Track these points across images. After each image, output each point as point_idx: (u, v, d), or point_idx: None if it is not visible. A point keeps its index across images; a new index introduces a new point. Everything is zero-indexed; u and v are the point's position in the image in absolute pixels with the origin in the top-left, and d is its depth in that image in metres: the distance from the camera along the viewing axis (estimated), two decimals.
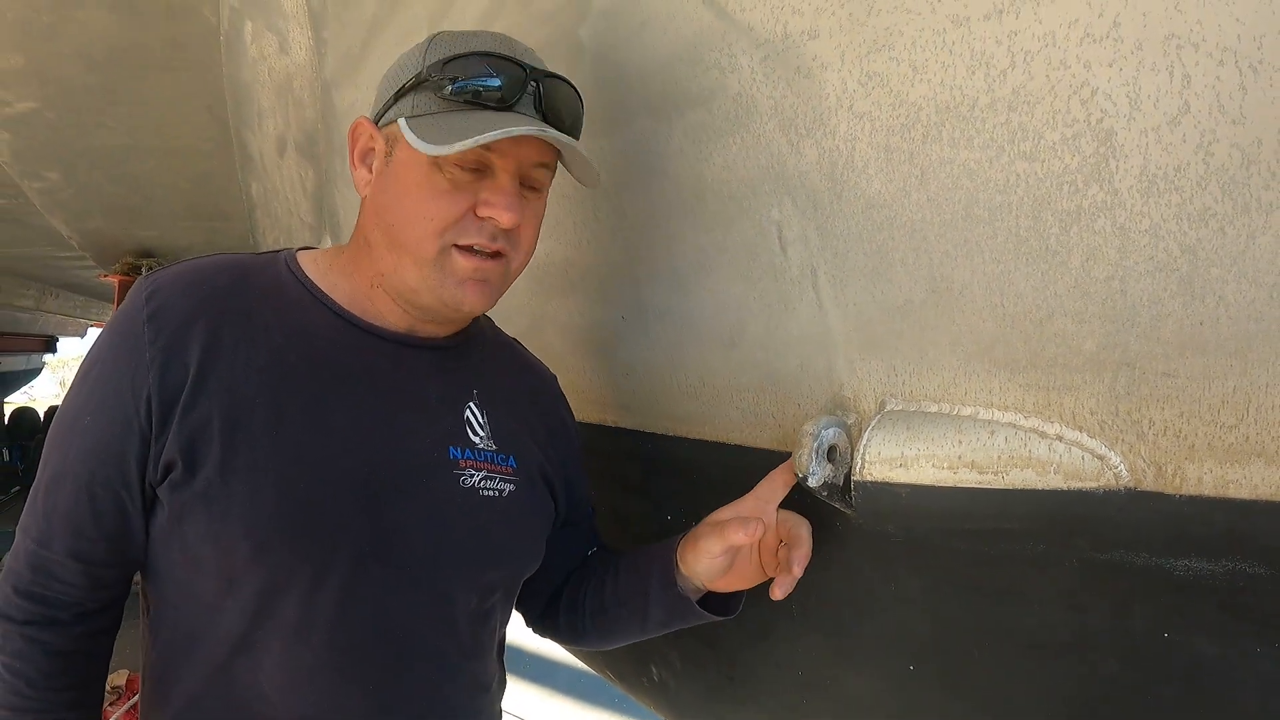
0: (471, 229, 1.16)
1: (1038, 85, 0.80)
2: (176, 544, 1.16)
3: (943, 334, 0.99)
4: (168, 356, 1.14)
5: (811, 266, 1.11)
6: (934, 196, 0.93)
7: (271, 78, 3.04)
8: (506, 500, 1.30)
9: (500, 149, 1.14)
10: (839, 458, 1.10)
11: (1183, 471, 0.86)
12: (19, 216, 6.56)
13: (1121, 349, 0.85)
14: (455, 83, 1.13)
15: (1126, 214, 0.79)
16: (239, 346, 1.17)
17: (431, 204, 1.15)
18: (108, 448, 1.14)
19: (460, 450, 1.27)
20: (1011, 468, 0.95)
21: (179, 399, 1.13)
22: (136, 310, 1.16)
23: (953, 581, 1.10)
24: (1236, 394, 0.81)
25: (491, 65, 1.14)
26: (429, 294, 1.20)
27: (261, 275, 1.26)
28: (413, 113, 1.16)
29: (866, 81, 0.93)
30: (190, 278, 1.20)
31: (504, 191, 1.15)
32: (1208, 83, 0.70)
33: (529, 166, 1.18)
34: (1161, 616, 0.91)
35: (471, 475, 1.27)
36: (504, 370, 1.43)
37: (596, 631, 1.47)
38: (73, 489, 1.16)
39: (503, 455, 1.32)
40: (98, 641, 1.24)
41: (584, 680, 6.76)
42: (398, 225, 1.18)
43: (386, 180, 1.20)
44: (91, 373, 1.17)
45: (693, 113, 1.18)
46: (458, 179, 1.15)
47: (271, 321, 1.21)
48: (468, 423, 1.31)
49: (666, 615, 1.35)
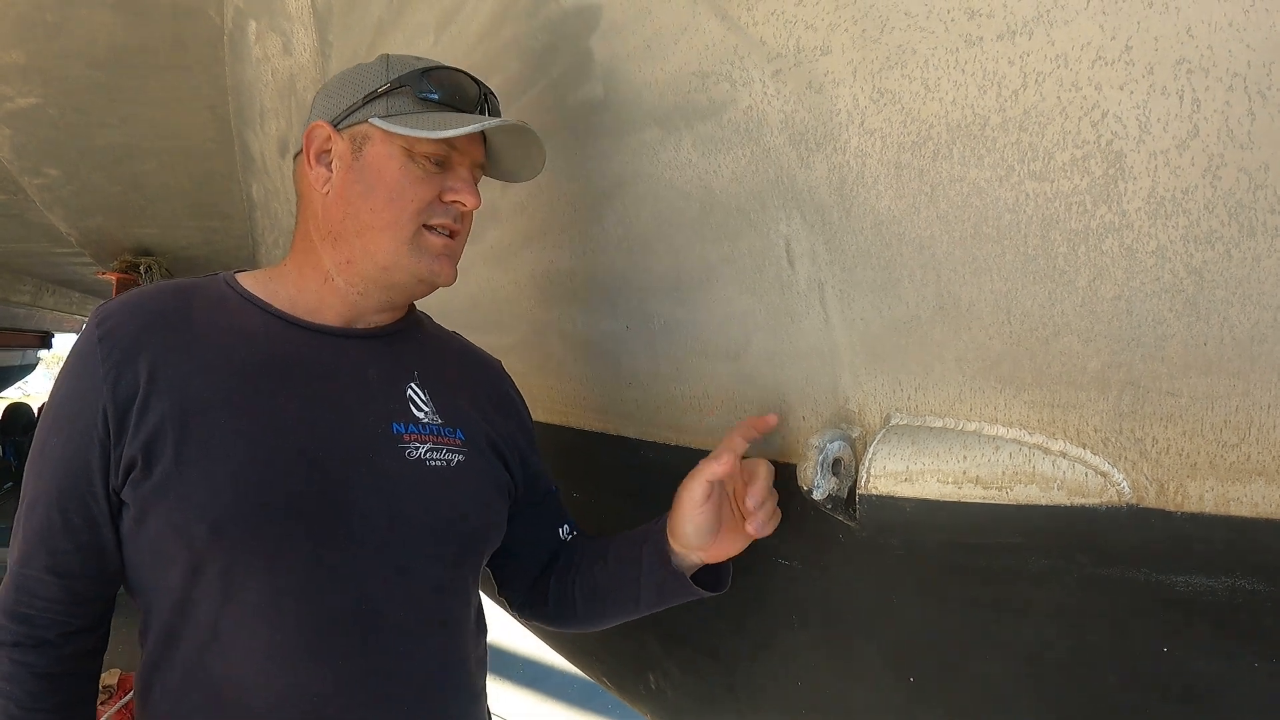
0: (439, 211, 1.33)
1: (1049, 106, 0.81)
2: (144, 542, 1.22)
3: (949, 350, 1.00)
4: (120, 370, 1.22)
5: (819, 280, 1.12)
6: (943, 214, 0.93)
7: (275, 78, 3.04)
8: (455, 470, 1.36)
9: (461, 147, 1.34)
10: (843, 471, 1.11)
11: (1185, 489, 0.87)
12: (18, 212, 6.54)
13: (1126, 368, 0.86)
14: (440, 88, 1.32)
15: (1134, 235, 0.80)
16: (185, 352, 1.25)
17: (411, 189, 1.31)
18: (72, 462, 1.22)
19: (404, 425, 1.34)
20: (1015, 483, 0.96)
21: (133, 405, 1.20)
22: (90, 336, 1.25)
23: (954, 595, 1.10)
24: (1239, 414, 0.81)
25: (462, 77, 1.35)
26: (403, 270, 1.33)
27: (203, 292, 1.35)
28: (387, 113, 1.31)
29: (878, 98, 0.94)
30: (136, 301, 1.30)
31: (466, 181, 1.35)
32: (1217, 108, 0.71)
33: (475, 165, 1.37)
34: (1162, 632, 0.91)
35: (417, 448, 1.33)
36: (445, 354, 1.52)
37: (587, 614, 1.50)
38: (44, 508, 1.23)
39: (449, 429, 1.39)
40: (84, 663, 1.28)
41: (578, 686, 6.75)
42: (376, 209, 1.31)
43: (357, 174, 1.33)
44: (55, 397, 1.27)
45: (702, 125, 1.18)
46: (428, 170, 1.31)
47: (217, 327, 1.30)
48: (410, 400, 1.37)
49: (658, 594, 1.38)
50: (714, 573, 1.38)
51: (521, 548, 1.52)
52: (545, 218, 1.65)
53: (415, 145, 1.30)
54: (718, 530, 1.30)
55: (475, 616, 1.43)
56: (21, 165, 4.72)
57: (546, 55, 1.43)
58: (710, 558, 1.33)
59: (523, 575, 1.55)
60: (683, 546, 1.32)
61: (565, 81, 1.41)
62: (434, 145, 1.30)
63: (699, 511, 1.27)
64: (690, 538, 1.30)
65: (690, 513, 1.27)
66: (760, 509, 1.24)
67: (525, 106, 1.43)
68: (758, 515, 1.24)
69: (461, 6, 1.59)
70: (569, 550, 1.54)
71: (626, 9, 1.22)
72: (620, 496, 1.80)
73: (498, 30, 1.50)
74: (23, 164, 4.70)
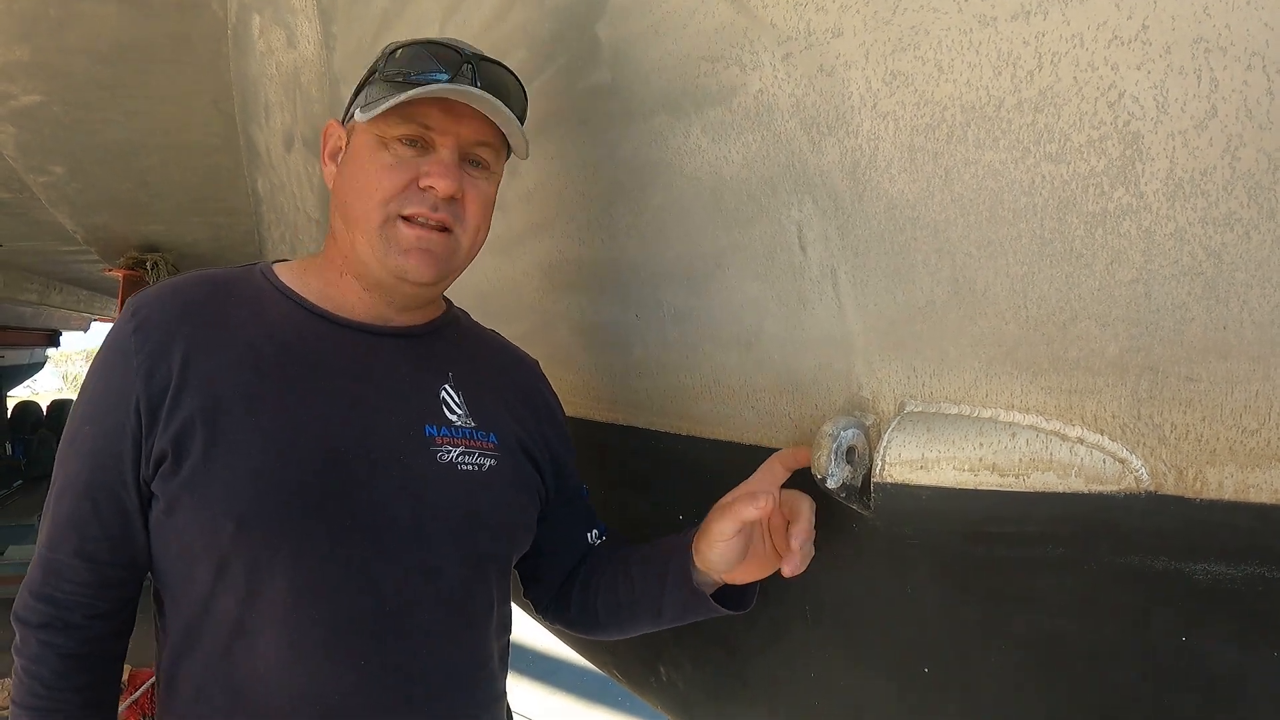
0: (414, 199, 1.27)
1: (1065, 87, 0.80)
2: (172, 535, 1.24)
3: (964, 335, 0.99)
4: (153, 362, 1.23)
5: (831, 266, 1.11)
6: (958, 197, 0.92)
7: (279, 72, 3.04)
8: (487, 474, 1.35)
9: (440, 126, 1.27)
10: (858, 459, 1.10)
11: (1204, 475, 0.86)
12: (23, 210, 6.54)
13: (1145, 353, 0.85)
14: (404, 65, 1.27)
15: (1152, 217, 0.79)
16: (217, 346, 1.26)
17: (376, 177, 1.27)
18: (104, 451, 1.23)
19: (436, 428, 1.33)
20: (1032, 470, 0.95)
21: (165, 398, 1.21)
22: (125, 326, 1.26)
23: (970, 584, 1.10)
24: (1259, 398, 0.80)
25: (428, 50, 1.27)
26: (378, 265, 1.29)
27: (239, 284, 1.36)
28: (365, 102, 1.29)
29: (891, 80, 0.93)
30: (170, 292, 1.31)
31: (442, 163, 1.27)
32: (1235, 87, 0.70)
33: (470, 144, 1.29)
34: (1181, 621, 0.91)
35: (449, 451, 1.32)
36: (481, 354, 1.50)
37: (611, 624, 1.49)
38: (74, 495, 1.25)
39: (482, 432, 1.38)
40: (109, 644, 1.30)
41: (590, 679, 6.76)
42: (350, 201, 1.30)
43: (344, 166, 1.34)
44: (88, 388, 1.28)
45: (712, 110, 1.18)
46: (401, 155, 1.27)
47: (247, 320, 1.30)
48: (444, 403, 1.36)
49: (681, 611, 1.37)
50: (740, 590, 1.36)
51: (549, 550, 1.52)
52: (553, 206, 1.65)
53: (385, 131, 1.26)
54: (743, 559, 1.28)
55: (499, 618, 1.43)
56: (26, 163, 4.73)
57: (553, 42, 1.42)
58: (732, 580, 1.32)
59: (549, 578, 1.55)
60: (706, 568, 1.30)
61: (573, 68, 1.41)
62: (404, 128, 1.26)
63: (727, 544, 1.25)
64: (714, 564, 1.28)
65: (717, 543, 1.25)
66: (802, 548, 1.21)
67: (533, 94, 1.42)
68: (796, 555, 1.21)
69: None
70: (595, 556, 1.53)
71: None
72: (630, 486, 1.79)
73: (504, 17, 1.50)
74: (28, 161, 4.70)
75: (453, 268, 1.34)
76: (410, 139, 1.26)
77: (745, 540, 1.26)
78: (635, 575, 1.42)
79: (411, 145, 1.27)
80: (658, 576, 1.38)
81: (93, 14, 3.11)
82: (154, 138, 4.38)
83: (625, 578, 1.44)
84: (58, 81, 3.67)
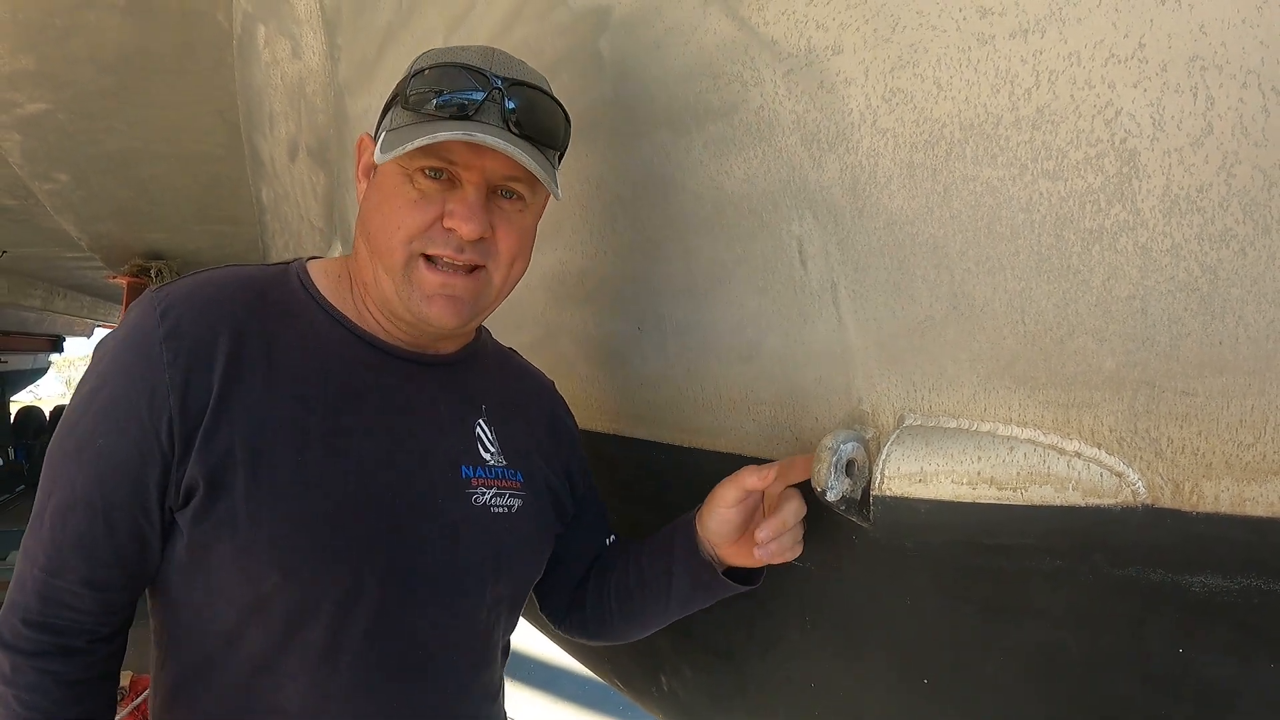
0: (439, 239, 1.17)
1: (1062, 105, 0.81)
2: (199, 573, 1.16)
3: (963, 350, 1.00)
4: (188, 378, 1.12)
5: (832, 281, 1.12)
6: (956, 213, 0.93)
7: (284, 82, 3.05)
8: (515, 516, 1.33)
9: (464, 161, 1.15)
10: (857, 472, 1.10)
11: (1200, 489, 0.86)
12: (28, 217, 6.56)
13: (1141, 367, 0.86)
14: (417, 95, 1.16)
15: (1149, 234, 0.80)
16: (259, 370, 1.17)
17: (400, 213, 1.17)
18: (125, 473, 1.12)
19: (472, 469, 1.30)
20: (1030, 484, 0.95)
21: (201, 423, 1.12)
22: (151, 328, 1.14)
23: (968, 596, 1.10)
24: (1255, 413, 0.81)
25: (451, 77, 1.16)
26: (402, 306, 1.21)
27: (276, 292, 1.26)
28: (390, 126, 1.18)
29: (890, 98, 0.94)
30: (206, 294, 1.19)
31: (466, 202, 1.16)
32: (1231, 105, 0.71)
33: (499, 178, 1.18)
34: (1177, 633, 0.91)
35: (483, 494, 1.30)
36: (508, 382, 1.46)
37: (623, 619, 1.47)
38: (87, 516, 1.13)
39: (511, 470, 1.35)
40: (110, 665, 1.22)
41: (590, 688, 6.75)
42: (374, 234, 1.21)
43: (370, 191, 1.24)
44: (102, 392, 1.15)
45: (713, 125, 1.18)
46: (426, 190, 1.16)
47: (291, 343, 1.21)
48: (479, 439, 1.33)
49: (691, 587, 1.35)
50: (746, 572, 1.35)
51: (564, 563, 1.50)
52: (556, 219, 1.65)
53: (408, 163, 1.16)
54: (740, 537, 1.28)
55: (506, 646, 1.44)
56: (32, 170, 4.74)
57: (556, 57, 1.42)
58: (726, 558, 1.32)
59: (563, 588, 1.54)
60: (706, 538, 1.31)
61: (576, 83, 1.41)
62: (426, 160, 1.15)
63: (727, 510, 1.26)
64: (711, 532, 1.29)
65: (717, 508, 1.26)
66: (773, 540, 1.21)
67: None
68: (769, 546, 1.21)
69: (471, 9, 1.59)
70: (604, 555, 1.53)
71: (636, 10, 1.22)
72: (632, 498, 1.80)
73: (508, 33, 1.50)
74: (33, 169, 4.72)
75: (480, 308, 1.25)
76: (434, 170, 1.16)
77: (745, 513, 1.27)
78: (645, 561, 1.42)
79: (435, 178, 1.16)
80: (666, 555, 1.37)
81: (98, 24, 3.12)
82: (158, 146, 4.39)
83: (634, 564, 1.44)
84: (63, 90, 3.69)
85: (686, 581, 1.35)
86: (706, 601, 1.38)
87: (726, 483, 1.25)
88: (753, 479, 1.21)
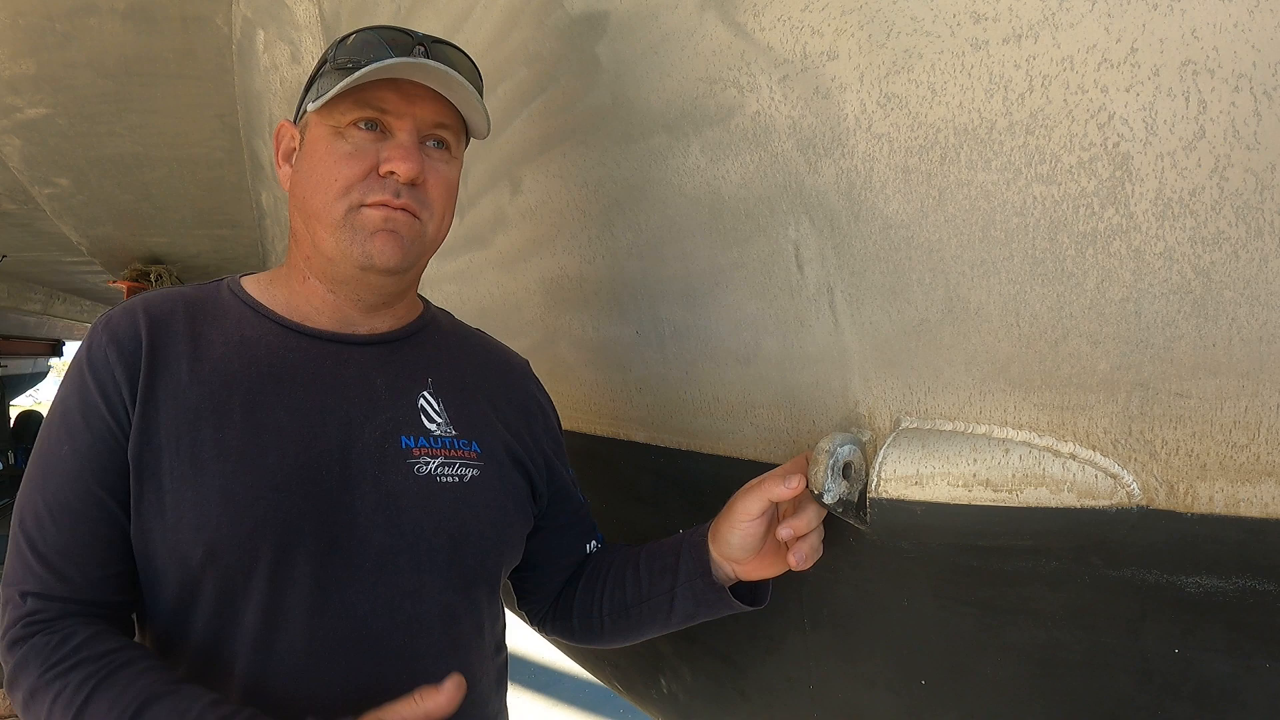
0: (376, 187, 1.21)
1: (1055, 109, 0.81)
2: (145, 560, 1.18)
3: (958, 353, 1.00)
4: (130, 374, 1.18)
5: (828, 285, 1.12)
6: (951, 217, 0.94)
7: (283, 87, 3.05)
8: (469, 485, 1.29)
9: (396, 109, 1.22)
10: (854, 475, 1.11)
11: (1194, 490, 0.87)
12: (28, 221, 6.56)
13: (1135, 370, 0.86)
14: (348, 54, 1.22)
15: (1142, 237, 0.80)
16: (184, 360, 1.21)
17: (335, 167, 1.22)
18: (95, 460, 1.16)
19: (414, 439, 1.28)
20: (1025, 486, 0.96)
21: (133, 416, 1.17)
22: (98, 342, 1.21)
23: (965, 598, 1.11)
24: (1248, 414, 0.82)
25: (378, 34, 1.23)
26: (342, 258, 1.24)
27: (205, 301, 1.30)
28: (318, 95, 1.23)
29: (885, 103, 0.95)
30: (140, 306, 1.25)
31: (401, 146, 1.22)
32: (1223, 108, 0.72)
33: (428, 126, 1.25)
34: (1173, 633, 0.92)
35: (427, 463, 1.27)
36: (465, 357, 1.44)
37: (616, 632, 1.44)
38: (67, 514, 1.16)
39: (463, 440, 1.32)
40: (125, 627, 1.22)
41: (590, 690, 6.75)
42: (309, 196, 1.25)
43: (300, 163, 1.28)
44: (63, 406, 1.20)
45: (710, 130, 1.19)
46: (358, 142, 1.22)
47: (212, 337, 1.25)
48: (422, 411, 1.31)
49: (694, 607, 1.33)
50: (751, 588, 1.34)
51: (545, 562, 1.47)
52: (554, 224, 1.66)
53: (340, 119, 1.22)
54: (761, 549, 1.26)
55: (492, 639, 1.38)
56: (32, 175, 4.74)
57: (554, 62, 1.43)
58: (745, 574, 1.30)
59: (545, 589, 1.50)
60: (722, 556, 1.28)
61: (573, 88, 1.42)
62: (359, 112, 1.21)
63: (751, 524, 1.23)
64: (733, 549, 1.26)
65: (741, 523, 1.23)
66: (803, 541, 1.19)
67: (534, 113, 1.43)
68: (800, 547, 1.18)
69: (469, 14, 1.60)
70: (594, 562, 1.49)
71: (633, 15, 1.23)
72: (631, 502, 1.80)
73: (505, 37, 1.51)
74: (33, 174, 4.72)
75: (417, 254, 1.28)
76: (366, 122, 1.22)
77: (767, 526, 1.24)
78: (643, 571, 1.38)
79: (369, 129, 1.22)
80: (669, 570, 1.34)
81: (98, 28, 3.12)
82: (158, 151, 4.38)
83: (632, 574, 1.40)
84: (63, 95, 3.68)
85: (690, 603, 1.33)
86: (709, 618, 1.35)
87: (747, 494, 1.22)
88: (780, 489, 1.17)
